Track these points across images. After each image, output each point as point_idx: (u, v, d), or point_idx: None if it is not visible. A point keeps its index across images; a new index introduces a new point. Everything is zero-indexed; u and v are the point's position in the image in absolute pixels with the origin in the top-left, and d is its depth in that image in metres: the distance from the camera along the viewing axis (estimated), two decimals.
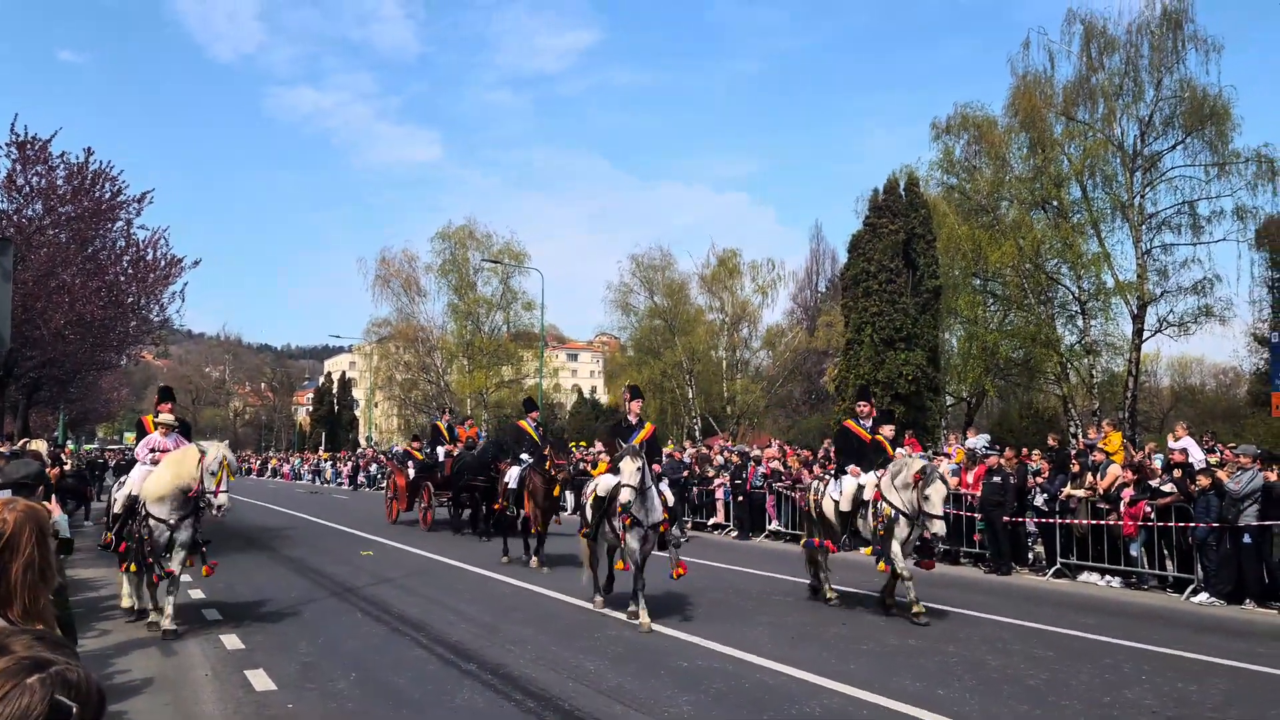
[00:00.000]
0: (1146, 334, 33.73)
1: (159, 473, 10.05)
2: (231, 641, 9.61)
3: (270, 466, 69.64)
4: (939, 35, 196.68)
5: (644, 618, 10.31)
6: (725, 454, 25.42)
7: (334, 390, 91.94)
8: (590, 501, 11.61)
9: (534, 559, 15.56)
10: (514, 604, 12.10)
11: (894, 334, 33.34)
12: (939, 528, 11.10)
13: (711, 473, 23.50)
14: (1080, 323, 34.97)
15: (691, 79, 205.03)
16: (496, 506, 17.59)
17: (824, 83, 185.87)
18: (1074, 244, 33.66)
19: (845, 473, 12.18)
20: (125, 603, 11.20)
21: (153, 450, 10.66)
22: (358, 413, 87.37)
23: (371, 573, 14.81)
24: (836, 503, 12.14)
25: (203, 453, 9.78)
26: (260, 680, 8.03)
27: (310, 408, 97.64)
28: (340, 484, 50.83)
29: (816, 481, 13.18)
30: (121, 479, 11.41)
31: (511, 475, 16.67)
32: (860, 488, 11.85)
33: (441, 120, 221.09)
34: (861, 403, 13.07)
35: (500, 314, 55.82)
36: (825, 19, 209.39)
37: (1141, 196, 33.73)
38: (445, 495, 23.22)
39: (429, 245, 55.40)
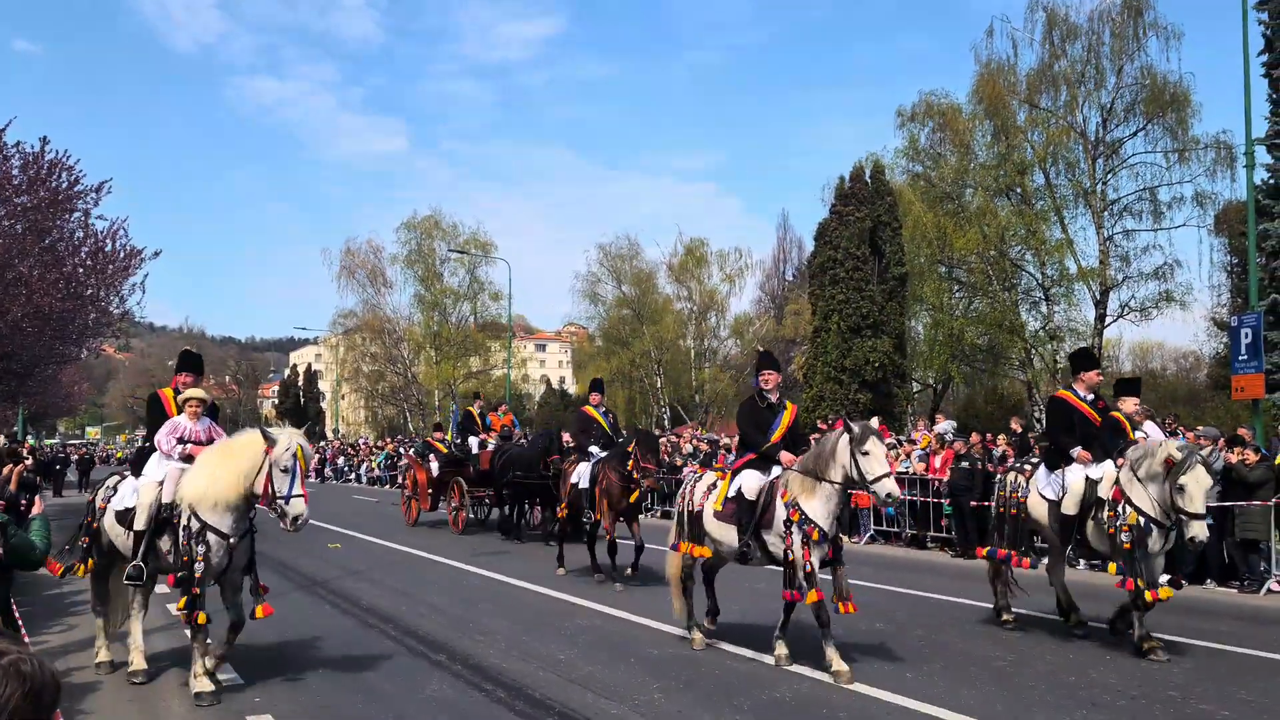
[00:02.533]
0: (1109, 319, 34.18)
1: (214, 470, 7.36)
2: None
3: None
4: (900, 27, 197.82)
5: (839, 663, 7.62)
6: (695, 442, 25.48)
7: (300, 383, 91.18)
8: (703, 503, 8.89)
9: (599, 573, 12.93)
10: (485, 595, 12.05)
11: (861, 321, 33.53)
12: (1199, 531, 8.28)
13: (681, 461, 23.55)
14: (1044, 309, 35.38)
15: (654, 70, 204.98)
16: (560, 511, 14.27)
17: (787, 75, 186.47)
18: (1037, 230, 34.00)
19: (1064, 461, 9.33)
20: (102, 655, 8.25)
21: (182, 440, 7.87)
22: (324, 405, 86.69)
23: (340, 565, 14.70)
24: (1052, 503, 9.33)
25: (270, 442, 7.27)
26: (226, 675, 7.94)
27: (276, 400, 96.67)
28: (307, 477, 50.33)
29: (1011, 474, 10.17)
30: (114, 478, 8.38)
31: (580, 473, 13.59)
32: (1092, 483, 9.00)
33: (404, 111, 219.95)
34: (1086, 373, 9.72)
35: (467, 304, 55.61)
36: (785, 11, 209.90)
37: (1103, 183, 34.13)
38: (480, 493, 20.38)
39: (394, 236, 55.27)
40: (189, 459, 7.69)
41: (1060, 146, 33.95)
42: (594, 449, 13.77)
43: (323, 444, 58.69)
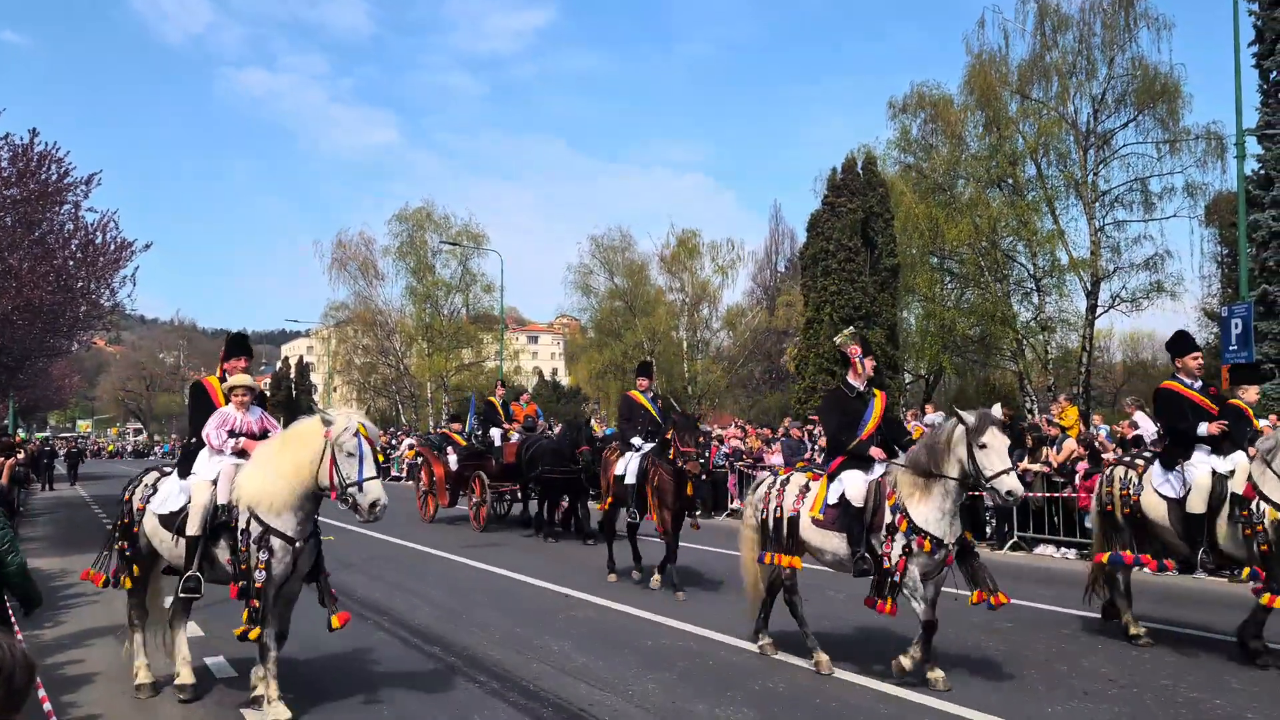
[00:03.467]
0: (1100, 310, 34.29)
1: (273, 464, 6.57)
2: (189, 629, 9.46)
3: None
4: (892, 18, 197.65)
5: (938, 678, 7.17)
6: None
7: (292, 375, 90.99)
8: (796, 508, 7.91)
9: (656, 575, 11.80)
10: (479, 587, 12.06)
11: (853, 312, 33.57)
12: None
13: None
14: (1035, 299, 35.45)
15: (646, 62, 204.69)
16: (602, 506, 13.19)
17: (780, 66, 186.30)
18: (1029, 221, 34.06)
19: (1183, 455, 8.31)
20: (143, 676, 7.36)
21: (233, 433, 7.04)
22: (316, 397, 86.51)
23: (332, 557, 14.55)
24: (1173, 501, 8.31)
25: (328, 424, 6.48)
26: (219, 666, 7.95)
27: (268, 392, 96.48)
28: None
29: (1120, 469, 9.09)
30: (151, 475, 7.50)
31: (626, 466, 12.26)
32: (1221, 477, 8.03)
33: (395, 102, 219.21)
34: (1186, 356, 8.71)
35: (459, 296, 55.45)
36: (778, 3, 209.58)
37: (1095, 174, 34.20)
38: (504, 487, 19.42)
39: (386, 228, 55.13)
40: (243, 454, 6.90)
41: (1052, 137, 34.00)
42: (636, 441, 12.43)
43: None
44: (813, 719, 6.55)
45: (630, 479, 12.08)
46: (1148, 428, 15.99)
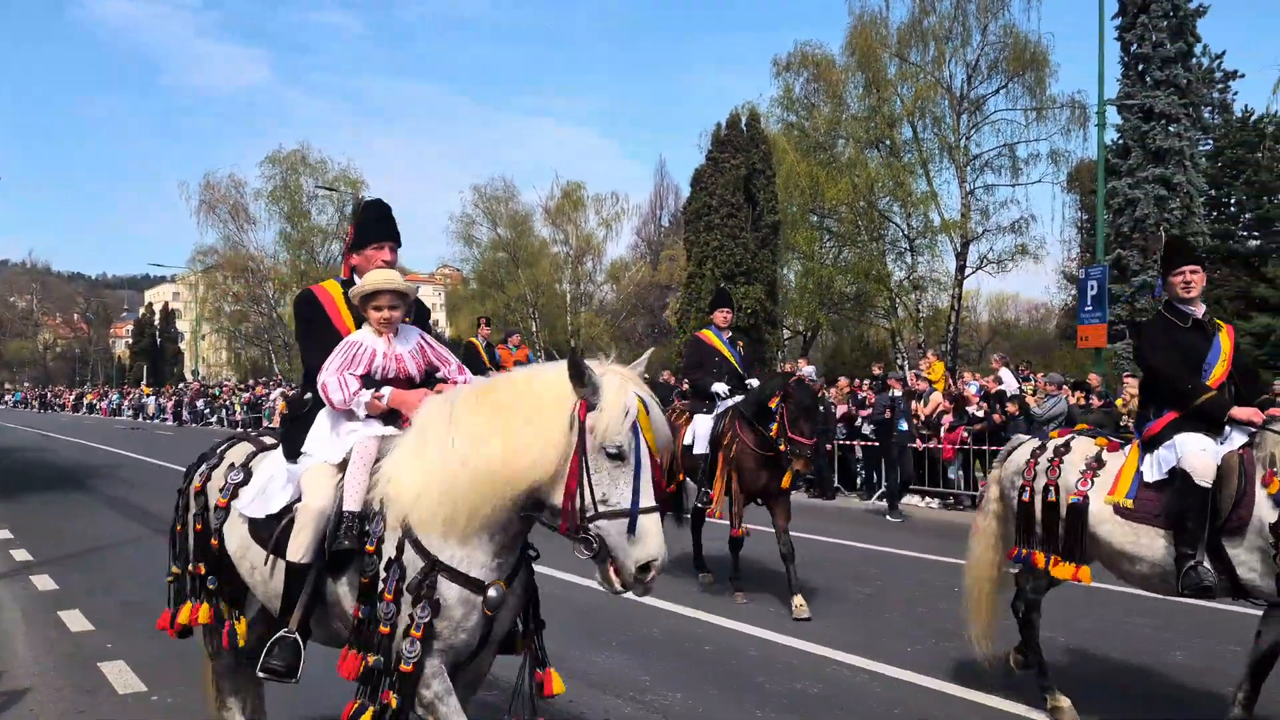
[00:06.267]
0: (968, 271, 35.61)
1: (455, 446, 3.57)
2: (44, 582, 9.07)
3: (86, 402, 65.67)
4: None
5: None
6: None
7: (156, 322, 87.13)
8: (1083, 490, 5.43)
9: (795, 597, 8.08)
10: None
11: (734, 268, 33.98)
12: None
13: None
14: (909, 259, 36.55)
15: (532, 10, 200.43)
16: (671, 488, 9.05)
17: (668, 19, 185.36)
18: (905, 183, 35.00)
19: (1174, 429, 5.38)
20: None
21: (370, 380, 3.95)
22: (183, 345, 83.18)
23: None
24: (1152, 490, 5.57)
25: (590, 389, 3.42)
26: (76, 621, 7.64)
27: (130, 340, 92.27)
28: (164, 420, 48.48)
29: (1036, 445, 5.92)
30: (236, 449, 4.52)
31: (696, 432, 9.11)
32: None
33: (268, 40, 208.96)
34: (1188, 268, 5.56)
35: (337, 244, 53.87)
36: None
37: (967, 138, 35.32)
38: None
39: (258, 170, 52.77)
40: (392, 418, 3.90)
41: (928, 101, 34.90)
42: (720, 388, 9.10)
43: (181, 386, 56.54)
44: None
45: (700, 448, 8.98)
46: (1011, 384, 16.76)
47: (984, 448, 14.75)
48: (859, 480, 17.08)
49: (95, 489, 17.31)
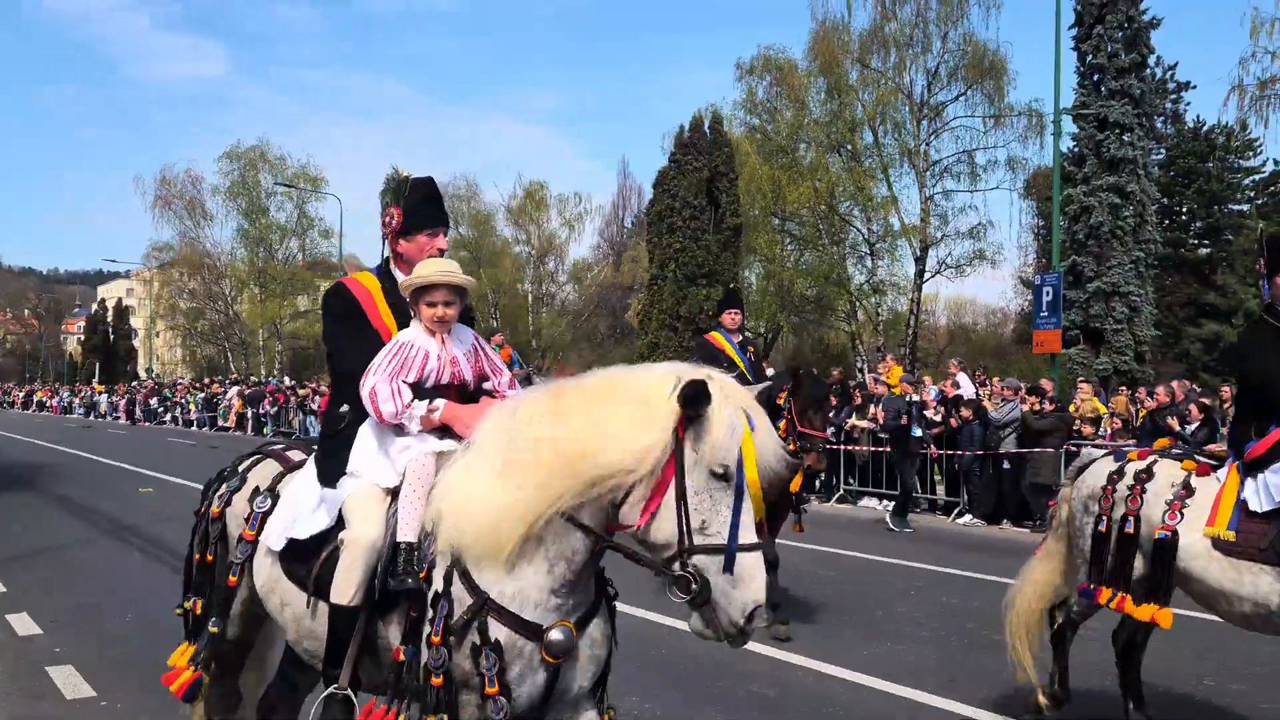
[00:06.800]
0: (927, 275, 35.99)
1: (518, 464, 2.97)
2: None
3: (37, 399, 64.40)
4: None
5: None
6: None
7: (109, 318, 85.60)
8: (1171, 522, 4.86)
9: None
10: None
11: (696, 270, 34.09)
12: None
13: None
14: (869, 263, 36.86)
15: (492, 6, 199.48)
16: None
17: (633, 19, 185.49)
18: (865, 187, 35.28)
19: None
20: None
21: (420, 389, 3.38)
22: (136, 343, 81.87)
23: (152, 511, 14.00)
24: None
25: (700, 401, 2.81)
26: (23, 624, 7.48)
27: (82, 337, 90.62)
28: (116, 418, 47.69)
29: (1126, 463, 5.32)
30: (262, 466, 4.06)
31: None
32: None
33: (225, 33, 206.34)
34: None
35: (295, 241, 53.37)
36: None
37: (926, 144, 35.67)
38: None
39: (215, 166, 52.06)
40: (444, 432, 3.36)
41: (888, 107, 35.20)
42: None
43: (134, 384, 55.65)
44: None
45: None
46: (968, 388, 16.96)
47: (940, 452, 14.94)
48: (817, 483, 17.20)
49: (44, 488, 16.98)
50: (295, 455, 3.97)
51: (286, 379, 42.34)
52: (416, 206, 3.71)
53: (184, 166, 53.47)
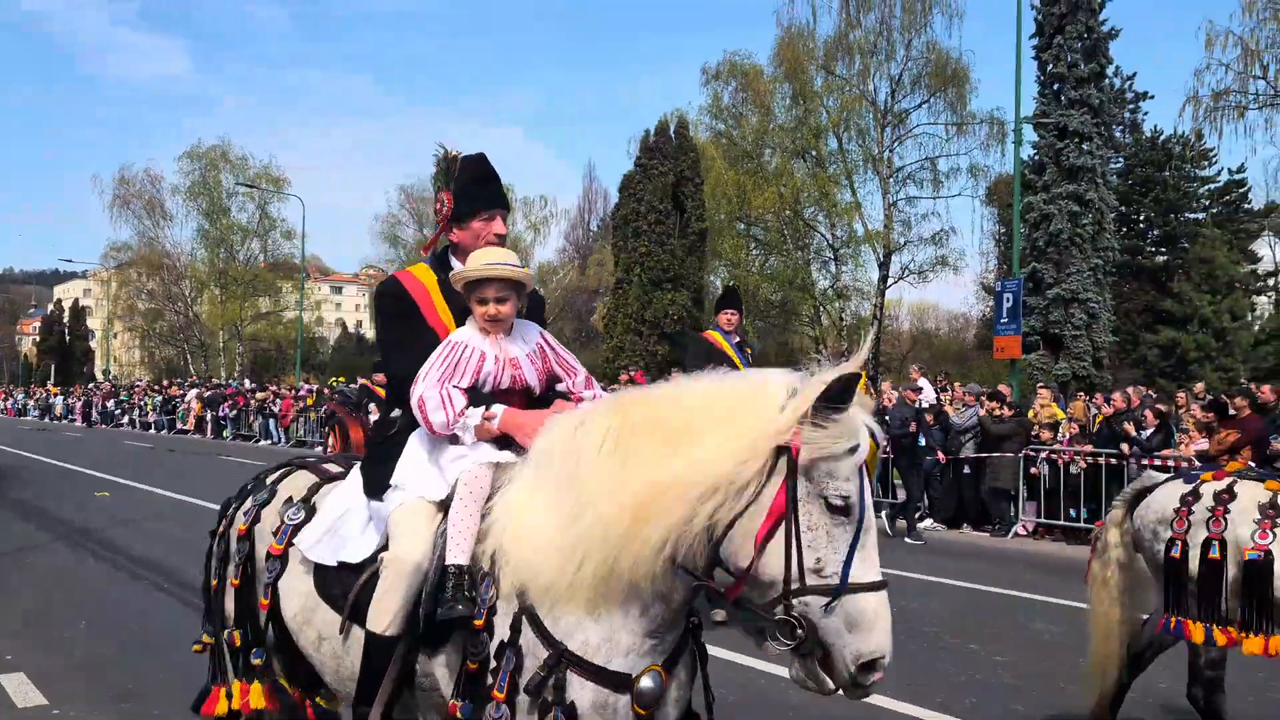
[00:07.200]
0: (890, 280, 36.36)
1: (594, 483, 2.55)
2: None
3: None
4: None
5: None
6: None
7: (65, 319, 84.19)
8: (1264, 543, 4.65)
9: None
10: None
11: (661, 274, 34.18)
12: None
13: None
14: (833, 268, 37.21)
15: (461, 8, 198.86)
16: None
17: (601, 23, 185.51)
18: (830, 193, 35.59)
19: None
20: None
21: (476, 394, 2.98)
22: (93, 344, 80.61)
23: (108, 515, 13.78)
24: None
25: (819, 421, 2.40)
26: None
27: (37, 338, 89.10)
28: (72, 420, 46.89)
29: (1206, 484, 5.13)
30: (293, 480, 3.53)
31: None
32: None
33: (187, 30, 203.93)
34: None
35: (257, 242, 52.81)
36: None
37: (890, 151, 36.08)
38: None
39: (176, 165, 51.42)
40: (504, 443, 2.98)
41: (853, 113, 35.55)
42: None
43: (91, 386, 54.77)
44: None
45: None
46: (930, 394, 17.12)
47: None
48: None
49: None
50: (333, 467, 3.57)
51: (247, 381, 41.85)
52: (467, 188, 3.35)
53: (143, 166, 52.84)
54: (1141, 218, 35.77)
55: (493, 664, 2.63)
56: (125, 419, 42.18)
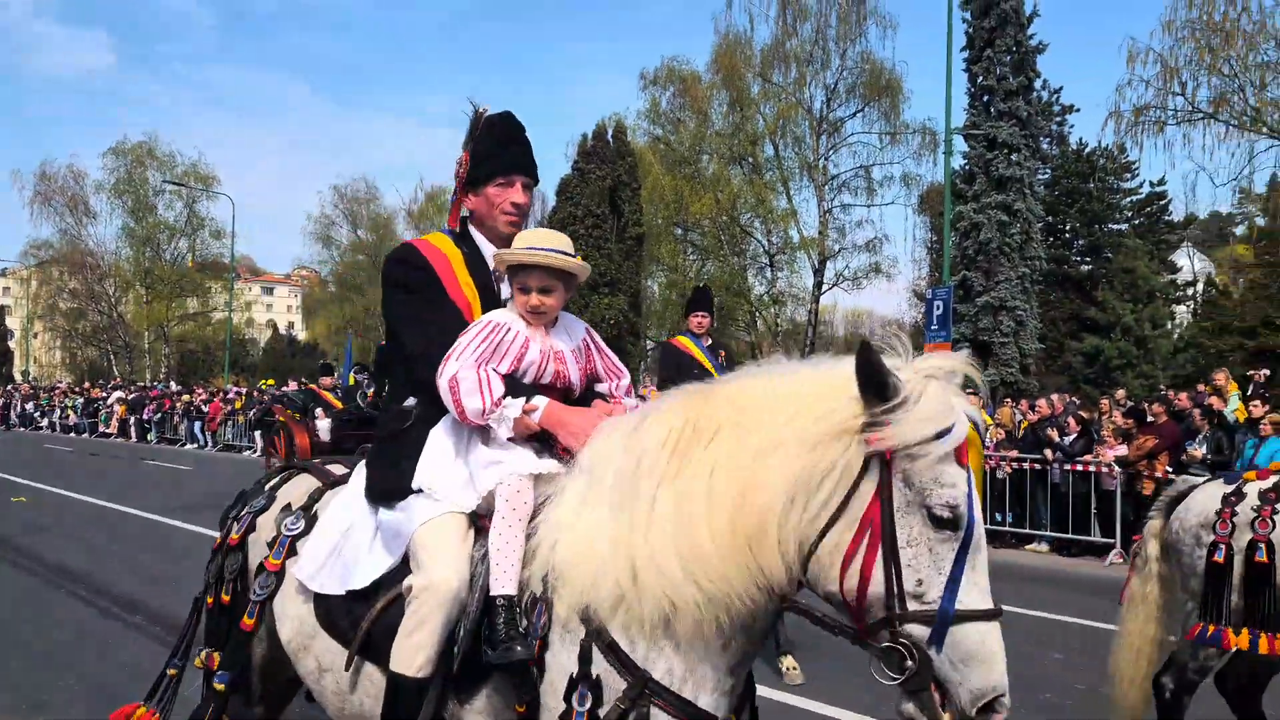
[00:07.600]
0: (825, 287, 36.81)
1: (671, 496, 2.26)
2: None
3: None
4: None
5: None
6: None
7: None
8: None
9: (785, 658, 6.75)
10: (192, 550, 11.33)
11: (599, 279, 34.17)
12: None
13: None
14: (769, 274, 37.54)
15: (391, 7, 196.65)
16: None
17: (540, 24, 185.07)
18: (766, 200, 35.93)
19: None
20: None
21: (514, 383, 2.61)
22: (12, 344, 78.04)
23: (25, 521, 13.35)
24: None
25: (895, 401, 2.07)
26: None
27: None
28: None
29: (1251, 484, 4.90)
30: (294, 488, 3.19)
31: None
32: None
33: (112, 24, 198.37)
34: None
35: (185, 241, 51.62)
36: None
37: (825, 159, 36.54)
38: None
39: (100, 161, 50.11)
40: (547, 443, 2.60)
41: (789, 121, 35.93)
42: None
43: (9, 387, 53.02)
44: None
45: None
46: None
47: None
48: None
49: None
50: (336, 469, 3.20)
51: (173, 384, 40.88)
52: (488, 148, 2.90)
53: (66, 162, 51.41)
54: (1067, 228, 36.67)
55: (559, 706, 2.25)
56: (45, 421, 40.94)
